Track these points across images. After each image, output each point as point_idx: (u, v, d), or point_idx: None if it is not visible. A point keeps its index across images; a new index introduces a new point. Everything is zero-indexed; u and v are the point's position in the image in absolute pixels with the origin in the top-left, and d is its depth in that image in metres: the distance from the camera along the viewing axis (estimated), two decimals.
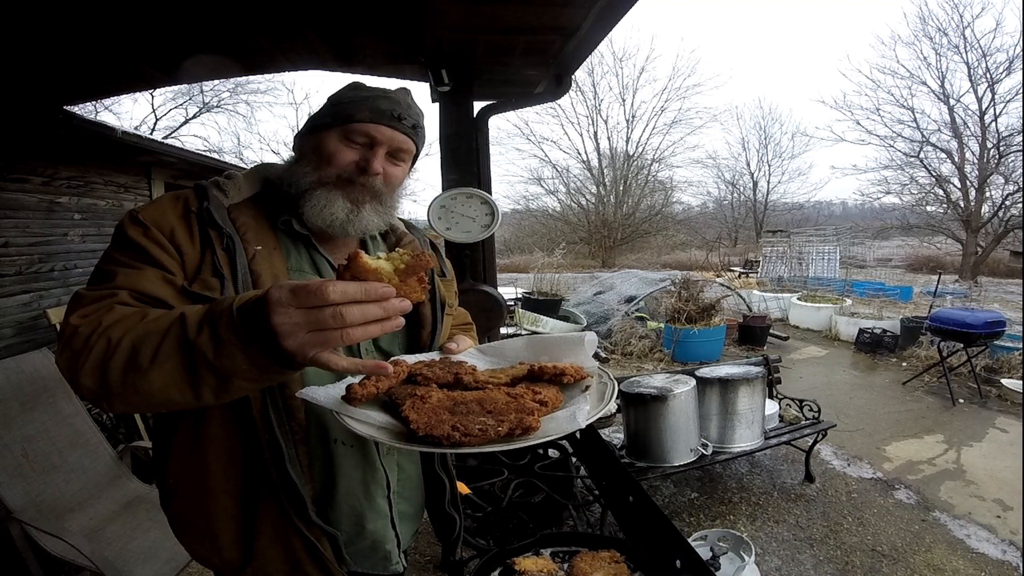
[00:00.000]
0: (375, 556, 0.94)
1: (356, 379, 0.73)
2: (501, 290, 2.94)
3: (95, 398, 0.66)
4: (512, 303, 7.57)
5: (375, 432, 0.67)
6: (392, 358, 0.84)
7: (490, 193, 2.44)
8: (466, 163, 2.43)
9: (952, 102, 16.50)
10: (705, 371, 3.03)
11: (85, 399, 0.67)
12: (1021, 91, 14.87)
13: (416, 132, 0.91)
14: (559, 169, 24.54)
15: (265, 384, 0.67)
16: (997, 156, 15.66)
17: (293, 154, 0.94)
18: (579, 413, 0.64)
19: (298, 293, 0.55)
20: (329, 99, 0.90)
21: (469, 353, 0.92)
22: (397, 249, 0.67)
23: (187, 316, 0.63)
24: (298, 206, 0.87)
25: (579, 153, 24.08)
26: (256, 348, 0.58)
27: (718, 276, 11.91)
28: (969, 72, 16.03)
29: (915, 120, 17.31)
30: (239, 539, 0.84)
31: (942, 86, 16.62)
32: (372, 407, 0.72)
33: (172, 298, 0.74)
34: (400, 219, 1.05)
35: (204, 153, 7.00)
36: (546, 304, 7.75)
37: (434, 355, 0.89)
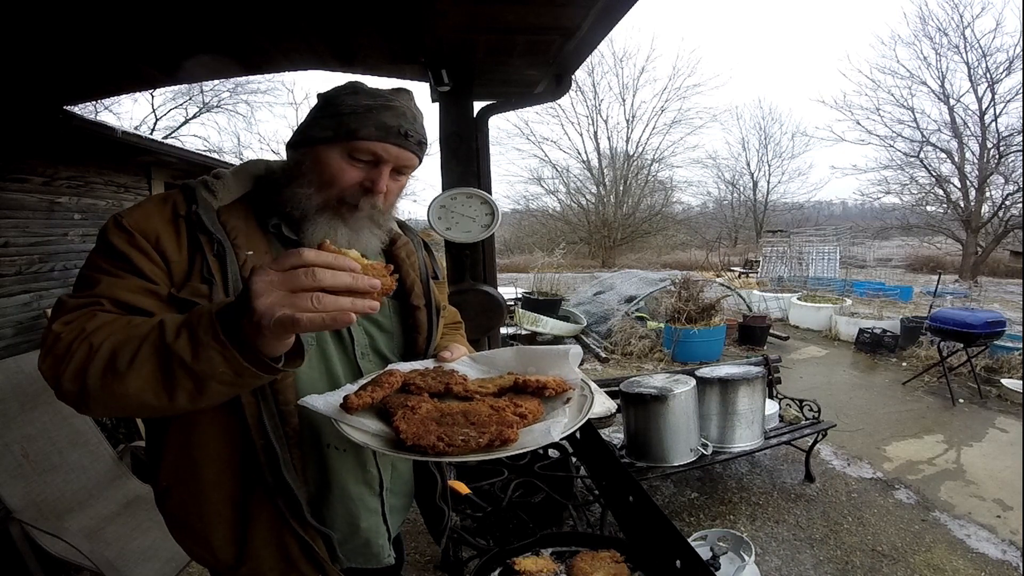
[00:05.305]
0: (368, 552, 0.95)
1: (353, 388, 0.77)
2: (501, 290, 2.94)
3: (75, 402, 0.67)
4: (512, 303, 7.57)
5: (369, 439, 0.71)
6: (387, 367, 0.87)
7: (490, 193, 2.44)
8: (466, 163, 2.43)
9: (952, 102, 16.50)
10: (705, 371, 3.02)
11: (66, 403, 0.69)
12: (1021, 91, 14.88)
13: (421, 148, 0.88)
14: (559, 169, 24.56)
15: (241, 389, 0.67)
16: (997, 156, 15.65)
17: (286, 159, 0.89)
18: (554, 427, 0.69)
19: (279, 258, 0.60)
20: (326, 101, 0.85)
21: (462, 362, 0.94)
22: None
23: (166, 323, 0.64)
24: (300, 228, 0.85)
25: (579, 153, 24.10)
26: (234, 349, 0.60)
27: (718, 276, 11.91)
28: (969, 72, 16.03)
29: (915, 120, 17.31)
30: (233, 540, 0.84)
31: (942, 86, 16.62)
32: (367, 415, 0.76)
33: (154, 307, 0.74)
34: (395, 219, 1.04)
35: (204, 153, 7.00)
36: (546, 304, 7.75)
37: (428, 363, 0.92)
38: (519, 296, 8.03)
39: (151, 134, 14.86)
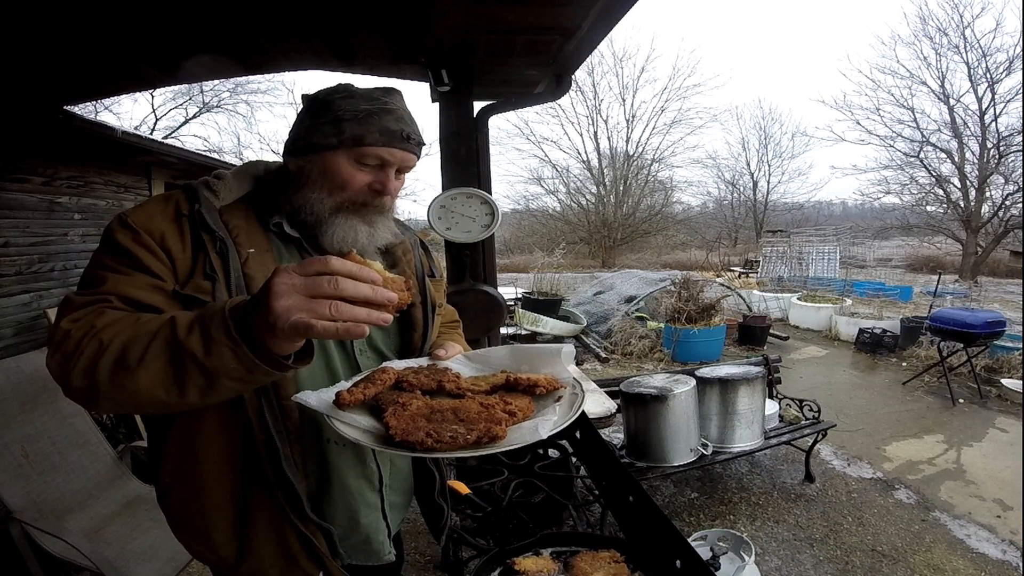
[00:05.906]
0: (368, 549, 0.96)
1: (347, 385, 0.78)
2: (501, 290, 2.94)
3: (84, 398, 0.67)
4: (512, 303, 7.57)
5: (360, 435, 0.72)
6: (381, 365, 0.88)
7: (490, 193, 2.44)
8: (466, 163, 2.43)
9: (952, 102, 16.48)
10: (705, 371, 3.02)
11: (74, 400, 0.69)
12: (1021, 91, 14.87)
13: (420, 148, 0.92)
14: (559, 169, 24.54)
15: (251, 386, 0.68)
16: (997, 156, 15.63)
17: (287, 165, 0.89)
18: (542, 425, 0.70)
19: (304, 262, 0.60)
20: (322, 105, 0.85)
21: (457, 360, 0.95)
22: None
23: (177, 319, 0.65)
24: (317, 231, 0.87)
25: (579, 153, 24.08)
26: (245, 347, 0.61)
27: (718, 276, 11.90)
28: (969, 72, 16.01)
29: (915, 120, 17.29)
30: (234, 536, 0.85)
31: (942, 86, 16.60)
32: (360, 411, 0.77)
33: (162, 304, 0.75)
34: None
35: (204, 153, 7.00)
36: (546, 304, 7.75)
37: (423, 361, 0.94)
38: (519, 296, 8.03)
39: (151, 134, 14.87)
